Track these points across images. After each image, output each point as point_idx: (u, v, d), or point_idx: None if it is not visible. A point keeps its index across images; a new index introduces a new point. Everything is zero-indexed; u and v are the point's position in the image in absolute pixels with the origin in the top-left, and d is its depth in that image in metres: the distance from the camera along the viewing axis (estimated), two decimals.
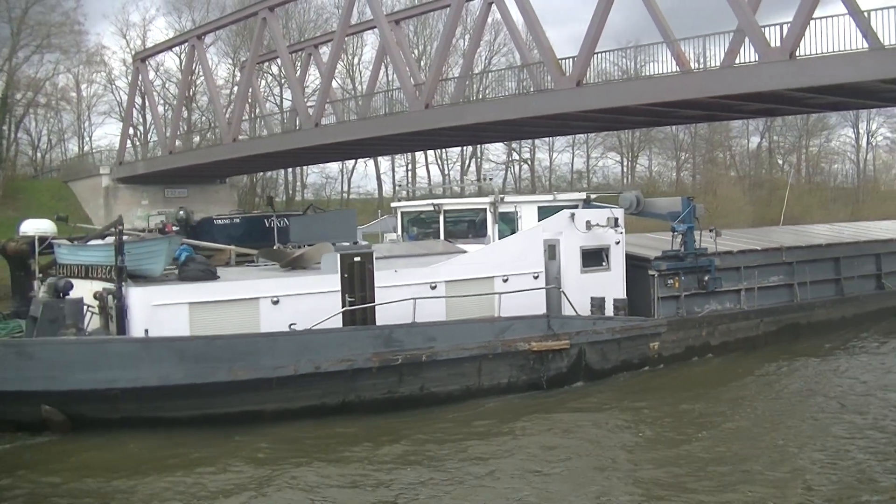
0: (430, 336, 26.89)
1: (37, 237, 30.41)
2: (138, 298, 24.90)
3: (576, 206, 33.75)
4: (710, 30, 38.45)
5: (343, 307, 26.84)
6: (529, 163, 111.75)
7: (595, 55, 41.61)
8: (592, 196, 36.35)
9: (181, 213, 34.46)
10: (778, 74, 34.35)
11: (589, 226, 31.63)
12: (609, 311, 31.34)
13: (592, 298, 30.91)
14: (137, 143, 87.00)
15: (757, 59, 35.16)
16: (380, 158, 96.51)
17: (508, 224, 33.46)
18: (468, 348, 27.27)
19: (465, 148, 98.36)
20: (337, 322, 26.53)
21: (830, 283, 41.09)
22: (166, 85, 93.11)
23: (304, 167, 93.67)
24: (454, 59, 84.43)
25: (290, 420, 24.47)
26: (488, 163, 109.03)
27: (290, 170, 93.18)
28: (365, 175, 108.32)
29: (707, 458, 20.90)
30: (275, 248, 32.50)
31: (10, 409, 23.37)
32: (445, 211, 34.32)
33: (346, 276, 27.09)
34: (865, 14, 33.05)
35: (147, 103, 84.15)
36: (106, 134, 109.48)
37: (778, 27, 34.98)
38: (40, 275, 29.98)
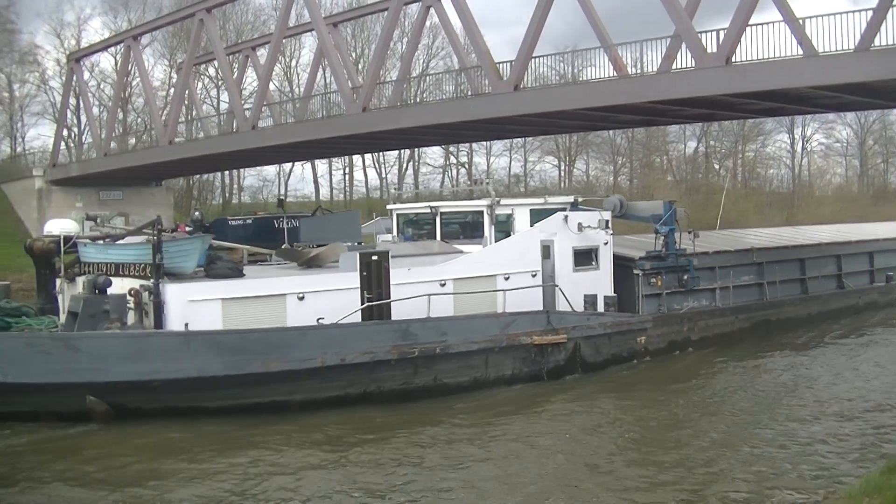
0: (442, 330, 29.16)
1: (62, 236, 31.11)
2: (175, 294, 26.77)
3: (564, 209, 35.98)
4: (648, 35, 38.69)
5: (362, 303, 29.00)
6: (467, 166, 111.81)
7: (533, 59, 41.64)
8: (579, 199, 38.44)
9: (196, 214, 35.57)
10: (714, 80, 34.61)
11: (580, 227, 34.70)
12: (601, 307, 34.23)
13: (586, 296, 33.78)
14: (72, 145, 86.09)
15: (694, 65, 35.39)
16: (317, 161, 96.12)
17: (503, 226, 35.58)
18: (477, 342, 29.65)
19: (402, 151, 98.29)
20: (356, 317, 28.73)
21: (797, 283, 44.69)
22: (101, 86, 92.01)
23: (241, 170, 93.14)
24: (392, 62, 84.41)
25: (315, 409, 26.35)
26: (426, 166, 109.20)
27: (226, 172, 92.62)
28: (302, 178, 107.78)
29: (687, 445, 23.22)
30: (288, 247, 34.08)
31: (55, 400, 25.03)
32: (442, 213, 36.62)
33: (364, 273, 29.42)
34: (801, 21, 33.33)
35: (81, 104, 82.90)
36: (39, 135, 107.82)
37: (714, 33, 35.24)
38: (62, 273, 31.01)
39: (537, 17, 40.46)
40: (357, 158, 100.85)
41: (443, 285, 30.86)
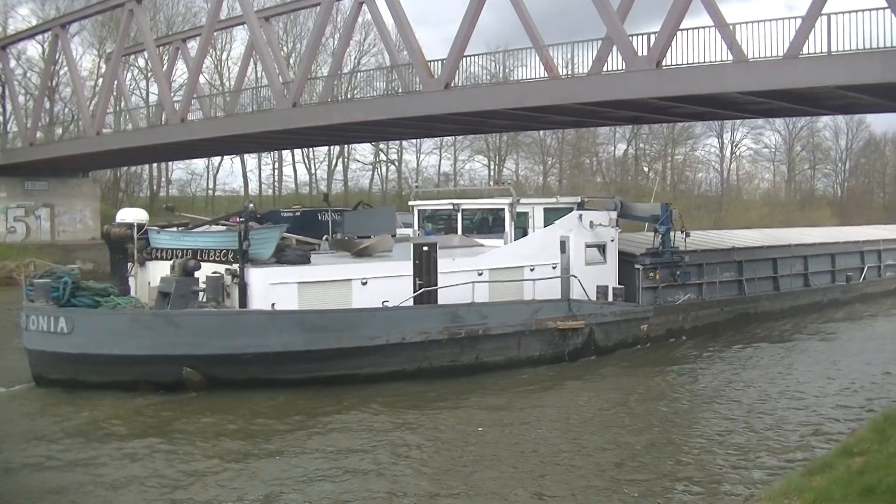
0: (484, 314, 32.58)
1: (135, 224, 33.82)
2: (258, 278, 29.63)
3: (572, 209, 39.01)
4: (581, 37, 38.86)
5: (415, 289, 32.15)
6: (396, 164, 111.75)
7: (464, 58, 41.65)
8: (585, 200, 41.28)
9: (250, 205, 35.90)
10: (644, 83, 34.81)
11: (592, 225, 38.12)
12: (610, 298, 37.61)
13: (598, 286, 37.49)
14: None
15: (624, 68, 35.56)
16: (246, 156, 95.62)
17: (520, 222, 38.28)
18: (512, 325, 33.03)
19: (332, 147, 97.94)
20: (409, 301, 31.98)
21: (770, 280, 48.60)
22: (28, 74, 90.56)
23: (170, 163, 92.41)
24: (323, 58, 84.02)
25: (376, 382, 29.41)
26: (355, 163, 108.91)
27: (154, 165, 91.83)
28: (231, 172, 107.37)
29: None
30: (342, 238, 36.48)
31: (154, 371, 27.92)
32: (464, 209, 39.27)
33: (417, 262, 32.54)
34: (731, 27, 33.61)
35: (7, 92, 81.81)
36: None
37: (645, 37, 35.44)
38: (135, 257, 33.60)
39: (469, 16, 40.44)
40: (287, 153, 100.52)
41: (480, 274, 33.84)
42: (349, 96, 67.78)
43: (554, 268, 36.72)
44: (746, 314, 45.32)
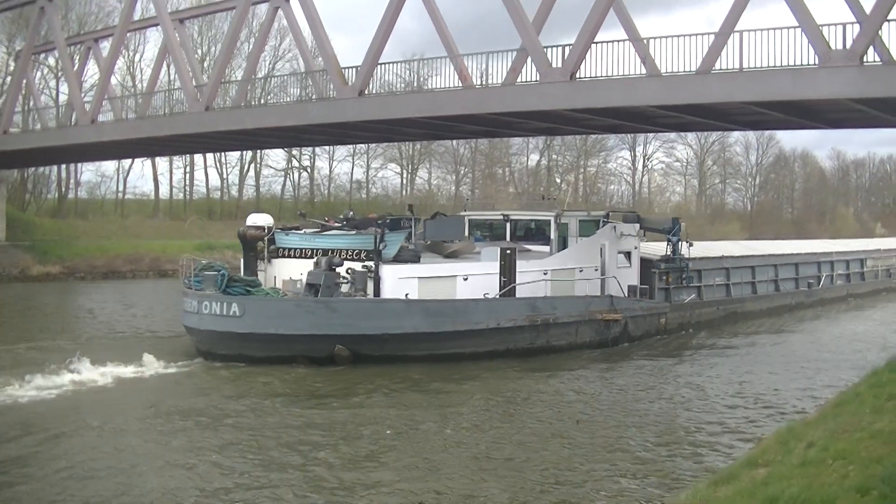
0: (553, 306, 39.78)
1: (267, 227, 39.31)
2: (390, 273, 35.97)
3: (598, 221, 46.18)
4: (498, 48, 38.97)
5: (500, 285, 38.80)
6: (309, 171, 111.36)
7: (379, 66, 41.60)
8: (609, 213, 48.93)
9: (350, 213, 44.27)
10: (558, 95, 35.02)
11: (622, 235, 45.05)
12: (637, 296, 44.90)
13: (629, 286, 44.73)
14: None
15: (538, 79, 35.70)
16: (157, 159, 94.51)
17: (561, 231, 45.57)
18: (572, 316, 40.29)
19: (244, 153, 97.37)
20: (494, 294, 38.62)
21: (750, 285, 56.26)
22: None
23: (79, 164, 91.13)
24: (238, 62, 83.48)
25: (474, 360, 35.70)
26: (268, 169, 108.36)
27: (63, 166, 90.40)
28: (142, 175, 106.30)
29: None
30: (434, 242, 41.84)
31: (312, 348, 34.06)
32: (512, 220, 47.37)
33: (502, 263, 39.24)
34: (645, 41, 33.90)
35: None
36: None
37: (560, 49, 35.62)
38: (265, 255, 39.04)
39: (385, 24, 40.40)
40: (199, 158, 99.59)
41: (545, 274, 41.22)
42: (263, 101, 67.43)
43: (595, 270, 43.60)
44: (735, 313, 52.96)
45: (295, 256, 38.08)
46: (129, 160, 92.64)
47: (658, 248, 49.46)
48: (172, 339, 39.82)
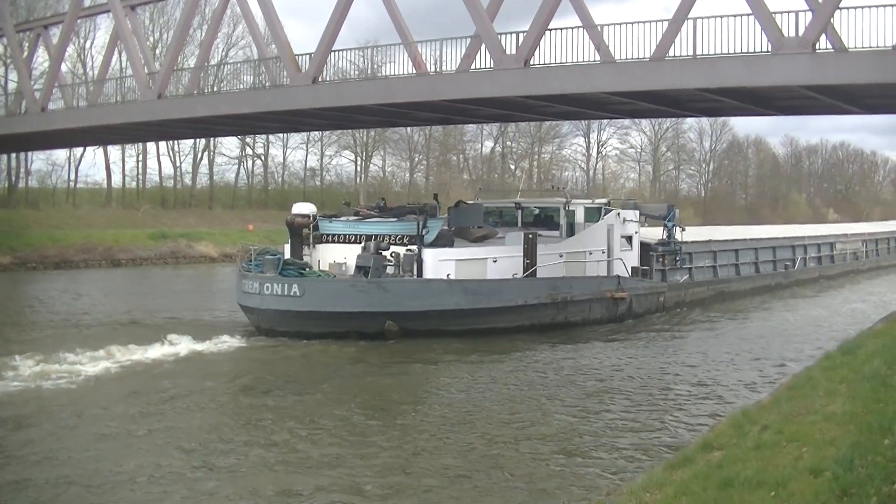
0: (570, 286, 43.28)
1: (312, 215, 42.63)
2: (431, 256, 39.45)
3: (600, 208, 49.52)
4: (453, 34, 38.95)
5: (524, 267, 42.11)
6: (263, 158, 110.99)
7: (333, 53, 41.44)
8: (610, 201, 54.43)
9: (382, 202, 47.93)
10: (512, 81, 35.04)
11: (625, 221, 48.99)
12: (639, 276, 48.89)
13: (633, 267, 48.71)
14: None
15: (492, 66, 35.69)
16: (109, 147, 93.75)
17: (569, 218, 48.66)
18: (586, 294, 43.82)
19: (198, 141, 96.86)
20: (518, 275, 42.04)
21: (733, 267, 60.52)
22: None
23: (29, 153, 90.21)
24: (191, 49, 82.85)
25: (503, 334, 38.91)
26: (221, 157, 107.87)
27: (13, 155, 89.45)
28: (94, 164, 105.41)
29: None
30: (462, 227, 44.88)
31: (364, 324, 37.26)
32: (523, 208, 50.63)
33: (526, 246, 42.33)
34: (599, 28, 33.94)
35: None
36: None
37: (514, 35, 35.61)
38: (310, 241, 42.42)
39: (339, 11, 40.19)
40: (151, 146, 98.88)
41: (561, 256, 45.07)
42: (216, 89, 67.08)
43: (603, 252, 47.28)
44: (722, 292, 56.63)
45: (338, 242, 41.99)
46: (81, 149, 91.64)
47: (653, 233, 53.79)
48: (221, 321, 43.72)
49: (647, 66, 32.24)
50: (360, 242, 40.48)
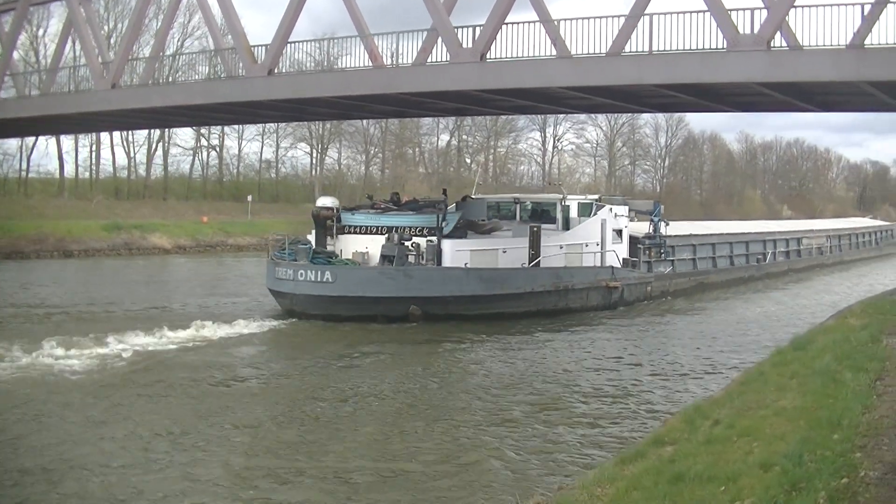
0: (571, 275, 46.47)
1: (335, 207, 45.70)
2: (449, 246, 42.57)
3: (591, 204, 52.61)
4: (409, 28, 38.85)
5: (529, 258, 44.90)
6: (218, 150, 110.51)
7: (289, 44, 41.26)
8: (602, 197, 56.44)
9: (395, 195, 50.73)
10: (468, 75, 35.02)
11: (616, 216, 52.60)
12: (629, 267, 52.47)
13: (624, 259, 52.37)
14: None
15: (449, 59, 35.65)
16: (63, 137, 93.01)
17: (564, 213, 51.77)
18: (584, 283, 46.96)
19: (152, 131, 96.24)
20: (525, 265, 45.03)
21: (710, 260, 64.48)
22: None
23: None
24: (146, 38, 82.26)
25: (512, 319, 41.85)
26: (176, 147, 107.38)
27: None
28: (46, 154, 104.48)
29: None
30: (471, 220, 47.32)
31: (389, 307, 40.34)
32: (521, 203, 53.97)
33: (531, 238, 45.25)
34: (556, 23, 33.96)
35: None
36: None
37: (471, 29, 35.59)
38: (334, 231, 45.22)
39: (295, 2, 39.98)
40: (105, 136, 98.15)
41: (561, 248, 48.05)
42: (171, 79, 66.64)
43: (597, 245, 50.70)
44: (702, 283, 60.08)
45: (359, 233, 44.75)
46: (33, 138, 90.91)
47: (640, 227, 57.08)
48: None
49: (603, 62, 32.34)
50: (380, 233, 43.55)
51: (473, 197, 54.37)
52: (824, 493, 10.82)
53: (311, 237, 45.78)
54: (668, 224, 58.82)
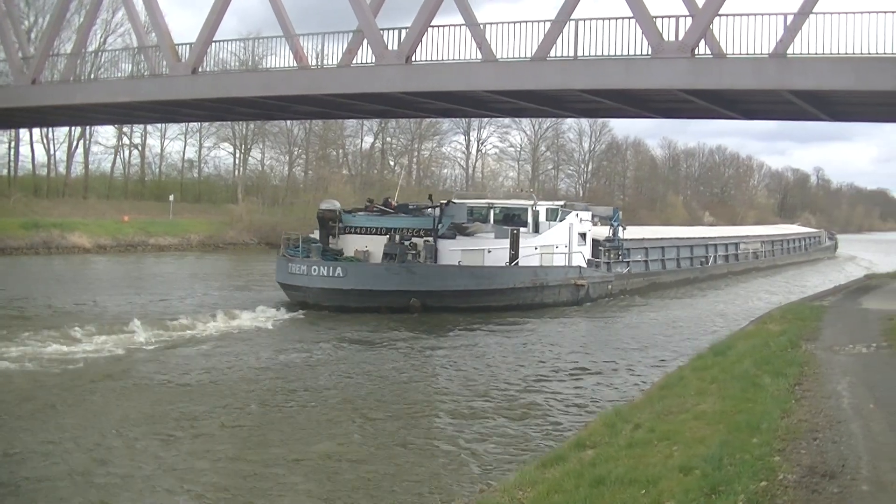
0: (546, 273, 50.79)
1: (337, 210, 49.81)
2: (444, 245, 46.73)
3: (557, 209, 56.87)
4: (336, 28, 38.72)
5: (510, 258, 48.83)
6: (140, 149, 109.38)
7: (214, 43, 40.96)
8: (566, 203, 62.67)
9: (390, 200, 54.64)
10: (392, 77, 35.04)
11: (581, 220, 57.02)
12: (593, 267, 56.75)
13: (588, 259, 56.51)
14: None
15: (374, 61, 35.60)
16: None
17: (535, 217, 54.89)
18: (558, 280, 51.31)
19: (73, 129, 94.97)
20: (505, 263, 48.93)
21: (660, 262, 69.16)
22: None
23: None
24: (68, 34, 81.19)
25: (496, 311, 45.50)
26: (97, 146, 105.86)
27: None
28: None
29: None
30: (456, 223, 49.50)
31: (392, 300, 44.19)
32: (494, 207, 56.92)
33: (511, 240, 48.97)
34: (482, 26, 34.02)
35: None
36: None
37: (397, 31, 35.57)
38: (336, 231, 49.09)
39: (220, 0, 39.74)
40: (24, 132, 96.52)
41: (536, 249, 51.51)
42: (93, 76, 65.88)
43: (565, 246, 54.62)
44: (654, 283, 65.03)
45: (360, 233, 48.57)
46: None
47: (600, 231, 61.63)
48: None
49: (528, 66, 32.48)
50: (379, 234, 47.67)
51: (455, 201, 56.39)
52: (743, 496, 10.95)
53: (315, 237, 49.25)
54: (625, 229, 63.10)
